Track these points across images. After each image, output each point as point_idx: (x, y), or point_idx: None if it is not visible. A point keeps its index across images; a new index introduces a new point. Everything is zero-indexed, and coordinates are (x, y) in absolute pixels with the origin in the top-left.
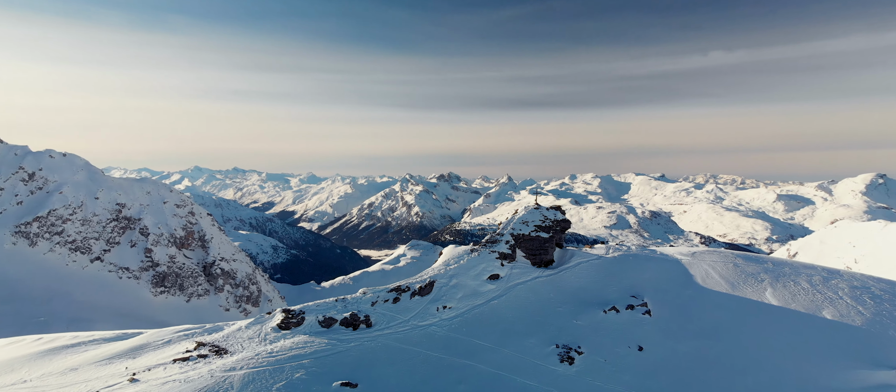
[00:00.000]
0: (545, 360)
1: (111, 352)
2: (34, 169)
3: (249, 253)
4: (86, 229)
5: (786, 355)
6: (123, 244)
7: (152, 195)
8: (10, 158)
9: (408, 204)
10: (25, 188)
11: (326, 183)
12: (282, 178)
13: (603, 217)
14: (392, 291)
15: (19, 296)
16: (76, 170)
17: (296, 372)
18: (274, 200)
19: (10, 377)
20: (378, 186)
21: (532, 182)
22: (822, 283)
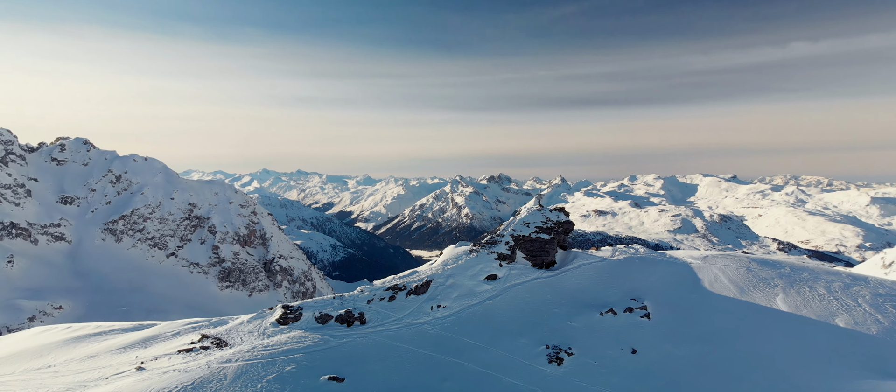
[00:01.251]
0: (534, 360)
1: (126, 341)
2: (120, 172)
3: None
4: (163, 227)
5: (787, 362)
6: (194, 241)
7: (220, 196)
8: (101, 163)
9: (458, 205)
10: (113, 189)
11: (380, 184)
12: (340, 179)
13: (666, 220)
14: (389, 290)
15: (107, 287)
16: (155, 172)
17: (287, 365)
18: (333, 201)
19: (37, 362)
20: (429, 188)
21: (587, 184)
22: (841, 290)
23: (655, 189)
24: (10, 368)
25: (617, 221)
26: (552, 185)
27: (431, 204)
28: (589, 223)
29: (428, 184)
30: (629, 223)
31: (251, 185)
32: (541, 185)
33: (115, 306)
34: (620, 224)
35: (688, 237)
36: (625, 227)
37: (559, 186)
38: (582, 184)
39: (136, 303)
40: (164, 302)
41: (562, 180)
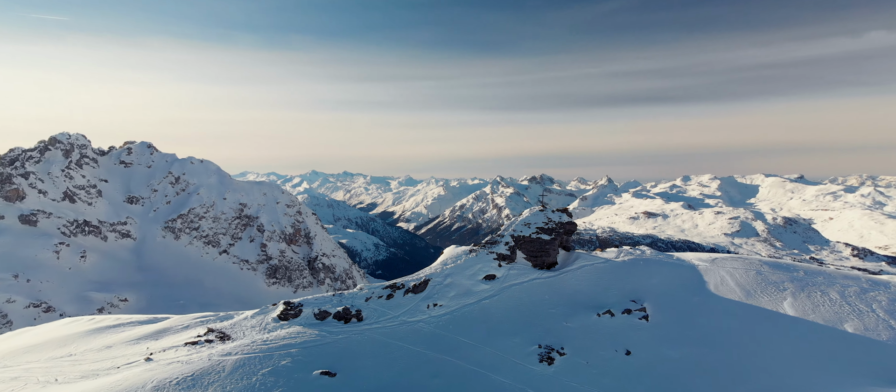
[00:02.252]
0: (525, 359)
1: (141, 333)
2: (179, 173)
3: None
4: (216, 226)
5: (787, 366)
6: (244, 239)
7: (268, 196)
8: (162, 165)
9: (498, 206)
10: (172, 190)
11: (422, 185)
12: (383, 180)
13: (722, 223)
14: (387, 288)
15: (166, 281)
16: (210, 174)
17: (282, 359)
18: (376, 202)
19: (61, 351)
20: (469, 188)
21: (636, 184)
22: (856, 295)
23: (711, 190)
24: (37, 356)
25: (668, 224)
26: (597, 185)
27: (471, 205)
28: (638, 226)
29: (468, 184)
30: (682, 226)
31: (301, 185)
32: (585, 185)
33: (173, 300)
34: (672, 227)
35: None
36: (677, 230)
37: (605, 187)
38: (630, 184)
39: (192, 297)
40: (216, 297)
41: (608, 181)
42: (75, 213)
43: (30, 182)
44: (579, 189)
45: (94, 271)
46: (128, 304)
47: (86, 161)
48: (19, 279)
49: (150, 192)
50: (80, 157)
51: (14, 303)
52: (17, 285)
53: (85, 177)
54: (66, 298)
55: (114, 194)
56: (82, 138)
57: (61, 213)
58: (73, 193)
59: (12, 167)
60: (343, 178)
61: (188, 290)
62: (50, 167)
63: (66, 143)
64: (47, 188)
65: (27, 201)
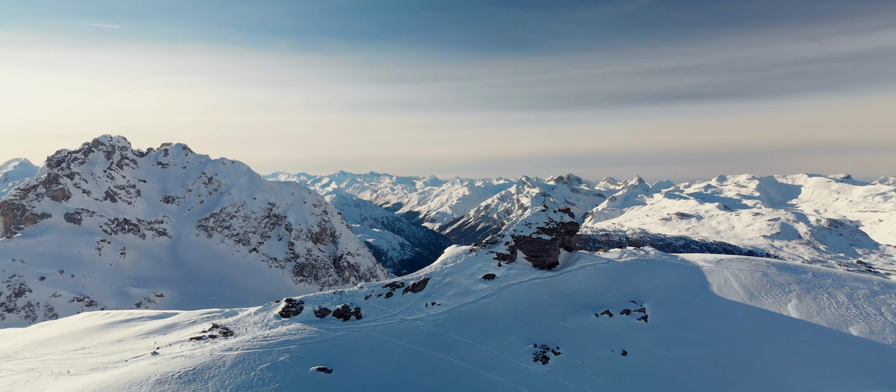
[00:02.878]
0: (520, 358)
1: (150, 328)
2: (212, 174)
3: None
4: (246, 224)
5: (785, 368)
6: (273, 238)
7: (295, 196)
8: (196, 166)
9: (523, 206)
10: (205, 190)
11: (446, 185)
12: (409, 181)
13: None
14: (387, 287)
15: (199, 278)
16: (241, 174)
17: (281, 355)
18: (402, 202)
19: (75, 344)
20: (494, 188)
21: (669, 184)
22: (865, 298)
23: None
24: (54, 349)
25: (702, 225)
26: (628, 185)
27: (496, 205)
28: (670, 227)
29: (493, 185)
30: (717, 227)
31: (329, 185)
32: (615, 185)
33: (206, 296)
34: (707, 228)
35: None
36: (712, 232)
37: (636, 187)
38: (662, 184)
39: (223, 294)
40: (246, 294)
41: (639, 181)
42: (116, 212)
43: (75, 182)
44: (608, 189)
45: (132, 267)
46: (163, 299)
47: (126, 162)
48: (64, 274)
49: (185, 192)
50: (121, 159)
51: (60, 297)
52: (62, 280)
53: (125, 177)
54: (107, 293)
55: (151, 194)
56: (123, 140)
57: (103, 211)
58: (115, 193)
59: (59, 168)
60: (370, 179)
61: (220, 286)
62: (93, 168)
63: (108, 145)
64: (91, 188)
65: (72, 200)
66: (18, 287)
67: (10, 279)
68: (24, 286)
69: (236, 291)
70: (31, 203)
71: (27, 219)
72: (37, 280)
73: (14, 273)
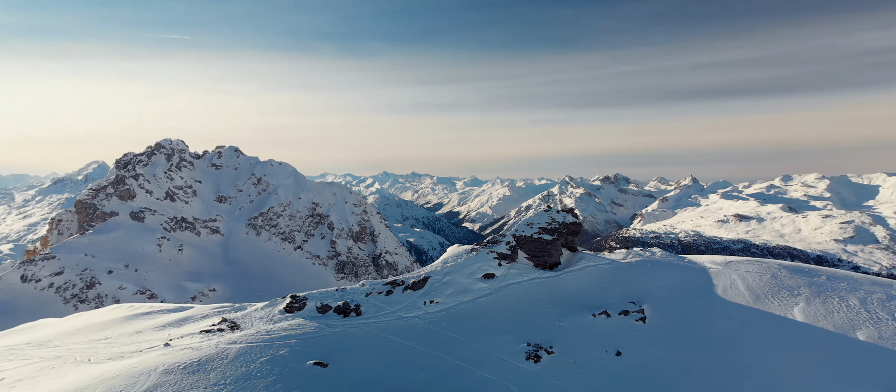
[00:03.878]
0: (512, 356)
1: (166, 321)
2: (261, 175)
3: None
4: (292, 223)
5: (782, 371)
6: (316, 236)
7: (337, 196)
8: (247, 167)
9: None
10: (255, 190)
11: (487, 185)
12: (449, 181)
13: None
14: (387, 285)
15: (249, 274)
16: (287, 175)
17: (281, 349)
18: (442, 202)
19: (100, 334)
20: (536, 189)
21: (726, 184)
22: (879, 303)
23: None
24: (80, 338)
25: (764, 228)
26: (680, 186)
27: (538, 205)
28: (727, 230)
29: (535, 185)
30: (781, 230)
31: (373, 186)
32: (666, 186)
33: (254, 291)
34: (769, 231)
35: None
36: (775, 235)
37: (689, 188)
38: (718, 185)
39: (270, 289)
40: (290, 289)
41: (692, 181)
42: (174, 211)
43: (139, 183)
44: (659, 190)
45: (188, 263)
46: (216, 293)
47: (184, 164)
48: (129, 269)
49: (236, 192)
50: (180, 161)
51: (125, 290)
52: (127, 274)
53: (183, 178)
54: (166, 287)
55: (206, 194)
56: (181, 143)
57: (163, 210)
58: (174, 193)
59: (125, 170)
60: (411, 179)
61: (267, 282)
62: (155, 169)
63: (168, 148)
64: (153, 188)
65: (137, 200)
66: (90, 280)
67: (83, 272)
68: (95, 279)
69: (282, 288)
70: (102, 202)
71: (98, 217)
72: (105, 274)
73: (86, 267)
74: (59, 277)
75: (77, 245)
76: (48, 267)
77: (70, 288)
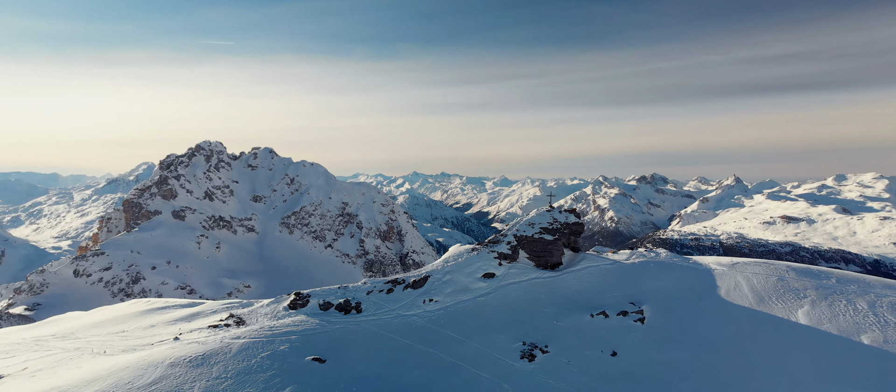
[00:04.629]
0: (507, 355)
1: (178, 316)
2: (294, 175)
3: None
4: (322, 222)
5: (781, 373)
6: (346, 235)
7: (365, 196)
8: (281, 168)
9: (600, 207)
10: (288, 190)
11: (517, 185)
12: (478, 181)
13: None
14: (388, 283)
15: (282, 271)
16: (318, 176)
17: (282, 345)
18: (472, 202)
19: (117, 327)
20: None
21: (772, 184)
22: (888, 307)
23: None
24: (100, 331)
25: (814, 231)
26: (722, 186)
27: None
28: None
29: (567, 185)
30: (834, 233)
31: (403, 186)
32: (707, 186)
33: (286, 288)
34: (820, 234)
35: None
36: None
37: (731, 188)
38: (764, 185)
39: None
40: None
41: (736, 180)
42: (213, 210)
43: (180, 183)
44: (700, 190)
45: (225, 260)
46: (250, 289)
47: (222, 165)
48: (171, 265)
49: (271, 192)
50: (218, 162)
51: (167, 285)
52: (169, 270)
53: (220, 178)
54: (204, 283)
55: (242, 193)
56: (220, 145)
57: (202, 209)
58: (212, 192)
59: (168, 170)
60: (441, 179)
61: (299, 279)
62: (195, 170)
63: (207, 150)
64: (193, 188)
65: (178, 199)
66: (135, 275)
67: (129, 268)
68: (140, 274)
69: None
70: (146, 201)
71: (143, 215)
72: (149, 269)
73: (132, 263)
74: (108, 272)
75: (124, 242)
76: (98, 263)
77: (118, 282)
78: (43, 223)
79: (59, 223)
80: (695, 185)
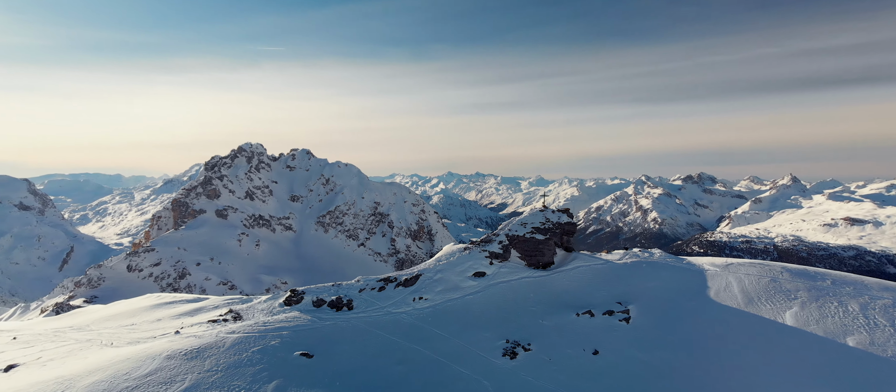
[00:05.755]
0: (490, 352)
1: (183, 310)
2: (329, 176)
3: None
4: (356, 221)
5: (760, 374)
6: (378, 234)
7: (397, 196)
8: (317, 168)
9: (643, 208)
10: (323, 190)
11: (553, 185)
12: (514, 181)
13: None
14: (381, 281)
15: (316, 268)
16: (352, 176)
17: (273, 340)
18: (506, 202)
19: (127, 320)
20: (608, 189)
21: (834, 184)
22: (881, 309)
23: None
24: (112, 324)
25: (882, 233)
26: (777, 186)
27: (610, 206)
28: (835, 235)
29: (607, 185)
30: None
31: (438, 186)
32: (760, 186)
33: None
34: (889, 237)
35: None
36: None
37: (788, 188)
38: (824, 184)
39: None
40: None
41: (792, 180)
42: (253, 209)
43: (223, 183)
44: (752, 190)
45: (264, 257)
46: (287, 286)
47: (262, 166)
48: (214, 262)
49: (307, 192)
50: (258, 163)
51: (210, 280)
52: (212, 267)
53: (260, 179)
54: (244, 279)
55: (281, 193)
56: (260, 147)
57: (243, 208)
58: (253, 192)
59: (212, 171)
60: (475, 179)
61: (333, 276)
62: (237, 171)
63: (248, 151)
64: (235, 188)
65: (221, 199)
66: (181, 271)
67: (176, 264)
68: (186, 270)
69: None
70: (192, 201)
71: (189, 214)
72: (194, 265)
73: (179, 259)
74: (157, 268)
75: (171, 239)
76: (148, 258)
77: (166, 277)
78: (107, 221)
79: (122, 221)
80: (746, 184)
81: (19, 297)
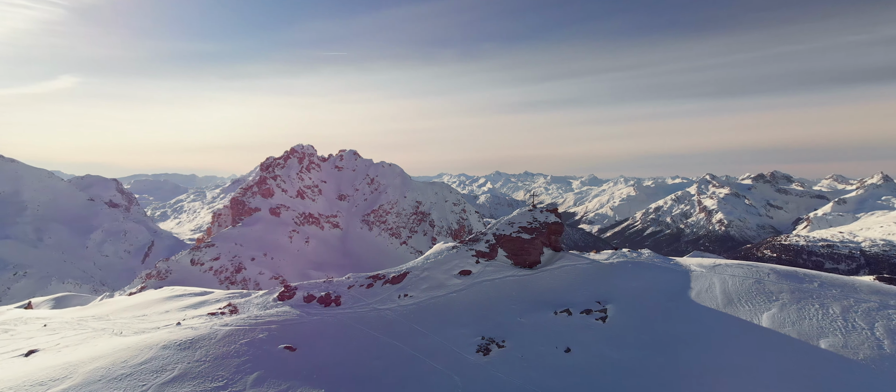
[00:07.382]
0: (464, 349)
1: (188, 303)
2: (374, 176)
3: None
4: (398, 220)
5: (726, 374)
6: (419, 232)
7: (438, 195)
8: (363, 169)
9: (707, 209)
10: (368, 189)
11: (607, 185)
12: (564, 180)
13: None
14: (369, 278)
15: (361, 265)
16: (395, 176)
17: (261, 333)
18: (556, 202)
19: (140, 312)
20: (668, 189)
21: None
22: (863, 312)
23: None
24: (127, 314)
25: None
26: (864, 185)
27: (671, 207)
28: None
29: (667, 184)
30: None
31: (485, 186)
32: (845, 185)
33: None
34: None
35: None
36: None
37: (877, 187)
38: None
39: None
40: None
41: (883, 178)
42: (303, 207)
43: (277, 183)
44: (835, 190)
45: (313, 254)
46: None
47: (312, 166)
48: (267, 257)
49: (353, 191)
50: (309, 163)
51: (263, 275)
52: (265, 262)
53: (311, 179)
54: (293, 274)
55: (329, 192)
56: (311, 148)
57: (294, 206)
58: (303, 191)
59: (267, 172)
60: (524, 178)
61: None
62: (289, 171)
63: (300, 152)
64: (287, 187)
65: (274, 197)
66: (238, 265)
67: (233, 259)
68: (242, 265)
69: None
70: (249, 199)
71: (246, 211)
72: (249, 260)
73: (235, 254)
74: (216, 262)
75: (230, 236)
76: (209, 253)
77: (224, 271)
78: (183, 218)
79: (195, 218)
80: (828, 184)
81: (108, 286)
